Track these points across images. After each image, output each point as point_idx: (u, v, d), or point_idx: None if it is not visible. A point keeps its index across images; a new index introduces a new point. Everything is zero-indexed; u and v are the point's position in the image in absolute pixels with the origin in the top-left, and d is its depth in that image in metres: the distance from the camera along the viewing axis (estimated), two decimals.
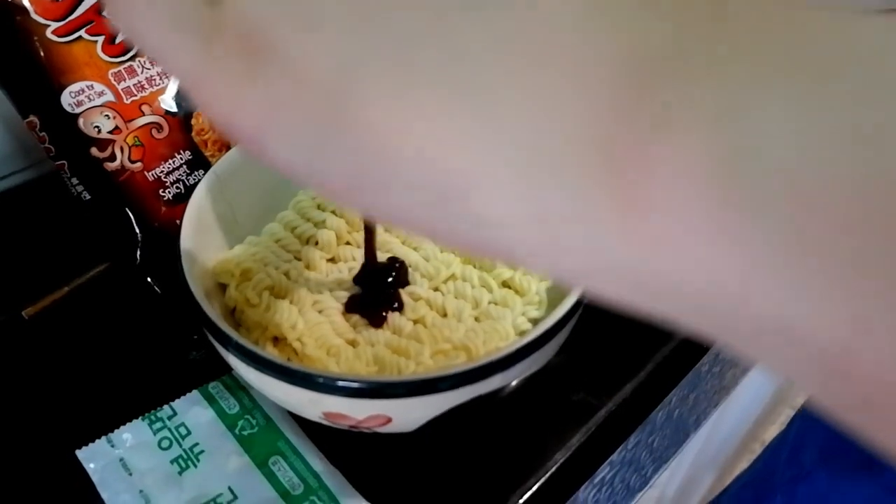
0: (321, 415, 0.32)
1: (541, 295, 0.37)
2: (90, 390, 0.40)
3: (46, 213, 0.48)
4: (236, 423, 0.38)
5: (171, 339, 0.42)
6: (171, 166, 0.40)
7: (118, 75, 0.39)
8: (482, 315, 0.36)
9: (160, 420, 0.38)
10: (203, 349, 0.41)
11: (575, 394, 0.39)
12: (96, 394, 0.40)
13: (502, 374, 0.30)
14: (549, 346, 0.32)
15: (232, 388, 0.39)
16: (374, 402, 0.30)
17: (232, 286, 0.37)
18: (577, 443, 0.37)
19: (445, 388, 0.30)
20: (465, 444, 0.37)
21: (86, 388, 0.40)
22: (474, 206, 0.13)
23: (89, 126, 0.39)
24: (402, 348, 0.34)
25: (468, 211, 0.14)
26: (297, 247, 0.40)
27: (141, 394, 0.38)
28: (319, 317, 0.36)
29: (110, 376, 0.41)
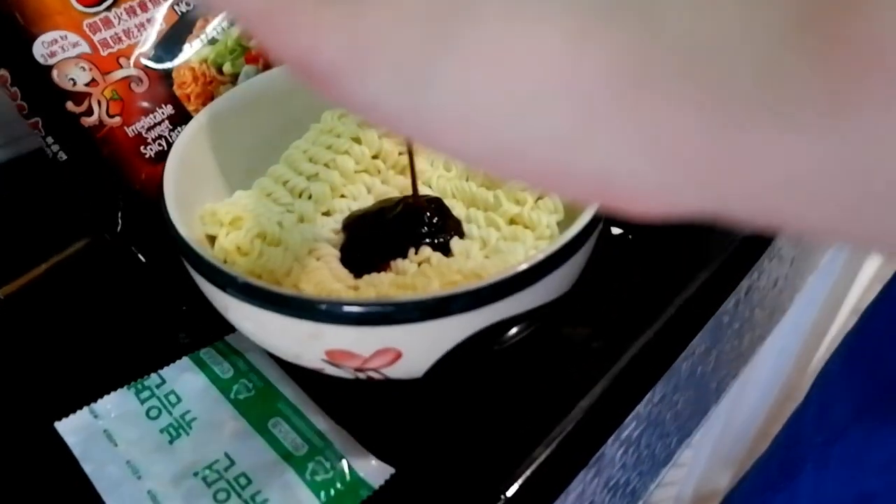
0: (323, 356, 0.29)
1: (552, 228, 0.34)
2: (72, 365, 0.37)
3: (24, 191, 0.46)
4: (231, 387, 0.35)
5: (158, 311, 0.39)
6: (152, 121, 0.38)
7: (93, 26, 0.37)
8: (491, 252, 0.34)
9: (147, 389, 0.35)
10: (192, 326, 0.38)
11: (595, 340, 0.36)
12: (79, 368, 0.37)
13: (520, 294, 0.28)
14: (568, 266, 0.29)
15: (225, 353, 0.36)
16: (381, 331, 0.27)
17: (222, 234, 0.34)
18: (601, 391, 0.35)
19: (459, 310, 0.27)
20: (479, 394, 0.34)
21: (68, 363, 0.37)
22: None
23: (64, 78, 0.36)
24: (409, 284, 0.31)
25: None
26: (288, 199, 0.37)
27: (127, 366, 0.36)
28: (317, 263, 0.34)
29: (94, 351, 0.38)
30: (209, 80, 0.39)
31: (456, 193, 0.38)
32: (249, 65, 0.41)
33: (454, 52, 0.12)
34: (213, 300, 0.31)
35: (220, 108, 0.37)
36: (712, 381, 0.49)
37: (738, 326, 0.48)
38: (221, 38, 0.40)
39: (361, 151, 0.39)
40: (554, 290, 0.30)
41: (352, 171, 0.39)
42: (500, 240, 0.34)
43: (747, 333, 0.51)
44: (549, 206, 0.35)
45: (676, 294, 0.38)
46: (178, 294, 0.39)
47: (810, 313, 0.91)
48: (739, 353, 0.53)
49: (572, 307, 0.37)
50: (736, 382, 0.58)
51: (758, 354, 0.58)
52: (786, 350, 0.91)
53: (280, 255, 0.33)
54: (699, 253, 0.42)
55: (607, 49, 0.11)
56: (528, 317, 0.30)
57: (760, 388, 0.90)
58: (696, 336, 0.39)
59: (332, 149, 0.39)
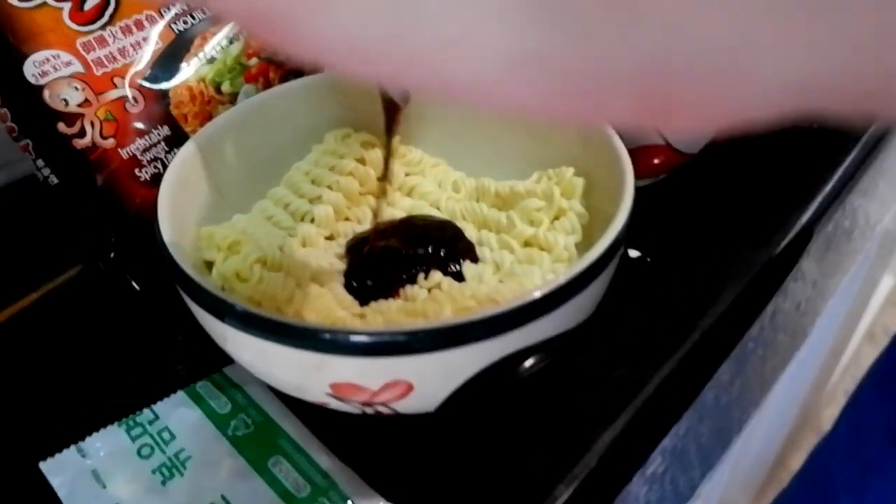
0: (328, 390, 0.27)
1: (570, 250, 0.32)
2: (60, 400, 0.35)
3: (16, 218, 0.44)
4: (228, 422, 0.33)
5: (153, 342, 0.37)
6: (147, 143, 0.36)
7: (87, 45, 0.35)
8: (506, 276, 0.32)
9: (139, 425, 0.33)
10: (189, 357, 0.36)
11: (616, 369, 0.34)
12: (67, 403, 0.35)
13: (540, 321, 0.26)
14: (591, 290, 0.27)
15: (223, 386, 0.34)
16: (391, 362, 0.25)
17: (219, 259, 0.32)
18: (624, 424, 0.32)
19: (476, 338, 0.25)
20: (495, 430, 0.32)
21: (55, 398, 0.35)
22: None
23: (56, 98, 0.35)
24: (419, 311, 0.29)
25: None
26: (290, 223, 0.36)
27: (119, 401, 0.33)
28: (320, 289, 0.32)
29: (84, 385, 0.36)
30: (207, 100, 0.38)
31: (466, 215, 0.36)
32: (249, 84, 0.39)
33: None
34: (210, 330, 0.29)
35: (218, 128, 0.36)
36: (736, 411, 0.47)
37: (762, 353, 0.45)
38: (220, 57, 0.38)
39: (366, 173, 0.38)
40: (576, 315, 0.28)
41: (356, 193, 0.37)
42: (514, 263, 0.32)
43: (770, 360, 0.49)
44: (566, 226, 0.33)
45: (700, 318, 0.36)
46: (173, 324, 0.37)
47: (828, 338, 0.89)
48: (762, 381, 0.50)
49: (590, 334, 0.35)
50: (756, 413, 0.55)
51: (768, 400, 0.56)
52: (801, 376, 0.89)
53: (281, 280, 0.31)
54: (721, 275, 0.40)
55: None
56: (546, 346, 0.28)
57: (777, 415, 0.87)
58: (722, 363, 0.37)
59: (335, 170, 0.37)
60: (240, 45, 0.39)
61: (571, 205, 0.34)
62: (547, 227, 0.33)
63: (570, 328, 0.29)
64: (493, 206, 0.36)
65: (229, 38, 0.38)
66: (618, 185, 0.31)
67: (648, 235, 0.41)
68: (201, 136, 0.35)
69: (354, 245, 0.34)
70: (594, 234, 0.33)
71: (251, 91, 0.39)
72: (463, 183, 0.38)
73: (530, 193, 0.35)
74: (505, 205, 0.36)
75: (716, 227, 0.43)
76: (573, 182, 0.34)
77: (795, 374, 0.78)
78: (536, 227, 0.33)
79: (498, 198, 0.37)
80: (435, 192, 0.38)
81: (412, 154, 0.39)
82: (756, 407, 0.54)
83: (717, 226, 0.43)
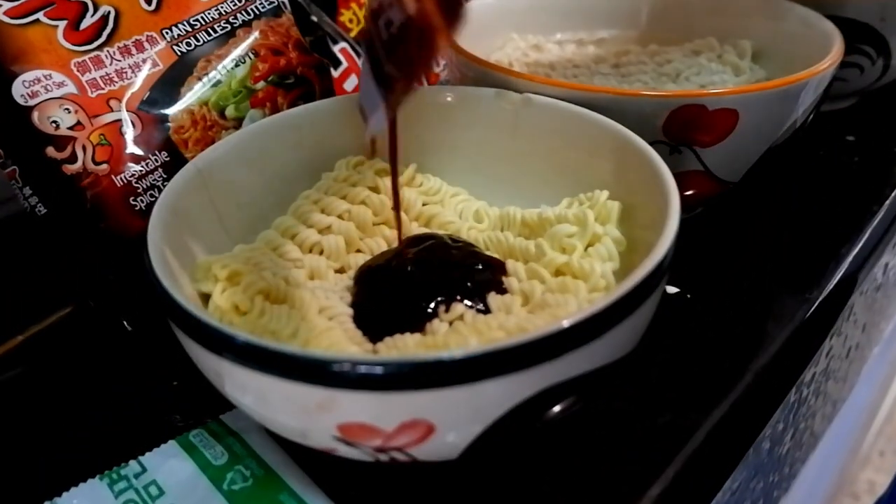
0: (335, 432, 0.23)
1: (608, 279, 0.29)
2: (40, 449, 0.31)
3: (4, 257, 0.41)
4: (224, 475, 0.29)
5: (145, 387, 0.34)
6: (143, 169, 0.33)
7: (82, 66, 0.33)
8: (536, 308, 0.28)
9: (124, 479, 0.29)
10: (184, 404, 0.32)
11: (660, 415, 0.30)
12: (48, 455, 0.31)
13: (578, 351, 0.22)
14: (636, 317, 0.24)
15: (219, 434, 0.31)
16: (409, 398, 0.22)
17: (216, 292, 0.29)
18: (672, 477, 0.28)
19: (506, 369, 0.21)
20: (525, 483, 0.28)
21: (35, 449, 0.32)
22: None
23: (45, 121, 0.32)
24: (440, 344, 0.26)
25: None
26: (297, 255, 0.33)
27: (105, 451, 0.30)
28: (329, 322, 0.28)
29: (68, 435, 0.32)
30: (210, 125, 0.35)
31: (490, 245, 0.33)
32: (255, 109, 0.36)
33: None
34: (205, 369, 0.26)
35: (220, 153, 0.33)
36: (786, 466, 0.43)
37: (813, 401, 0.41)
38: (224, 80, 0.36)
39: (380, 202, 0.35)
40: (615, 348, 0.25)
41: (370, 224, 0.34)
42: (546, 293, 0.29)
43: (820, 409, 0.45)
44: (602, 253, 0.30)
45: (751, 360, 0.33)
46: (168, 367, 0.33)
47: (869, 391, 0.84)
48: (812, 433, 0.46)
49: (628, 376, 0.32)
50: (803, 469, 0.51)
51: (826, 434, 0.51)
52: (842, 432, 0.84)
53: (285, 313, 0.28)
54: (767, 313, 0.36)
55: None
56: (581, 384, 0.25)
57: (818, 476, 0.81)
58: (777, 408, 0.33)
59: (347, 199, 0.35)
60: (246, 68, 0.36)
61: (607, 230, 0.30)
62: (581, 255, 0.30)
63: (608, 363, 0.25)
64: (520, 236, 0.33)
65: (235, 60, 0.36)
66: (659, 207, 0.28)
67: (687, 271, 0.37)
68: (201, 161, 0.32)
69: (363, 275, 0.31)
70: (634, 264, 0.30)
71: (257, 116, 0.36)
72: (486, 212, 0.36)
73: (561, 219, 0.32)
74: (532, 233, 0.33)
75: (757, 262, 0.40)
76: (608, 206, 0.31)
77: (837, 431, 0.73)
78: (569, 253, 0.30)
79: (525, 226, 0.34)
80: (456, 223, 0.35)
81: (430, 183, 0.36)
82: (803, 464, 0.50)
83: (759, 261, 0.40)
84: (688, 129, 0.35)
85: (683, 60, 0.46)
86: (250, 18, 0.37)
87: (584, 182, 0.34)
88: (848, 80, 0.51)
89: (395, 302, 0.29)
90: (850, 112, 0.54)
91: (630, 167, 0.31)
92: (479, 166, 0.37)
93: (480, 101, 0.36)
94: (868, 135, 0.52)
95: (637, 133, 0.32)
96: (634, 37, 0.51)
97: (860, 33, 0.48)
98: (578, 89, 0.35)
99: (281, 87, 0.37)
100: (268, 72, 0.37)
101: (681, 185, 0.29)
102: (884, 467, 1.22)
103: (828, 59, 0.37)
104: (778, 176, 0.45)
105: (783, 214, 0.44)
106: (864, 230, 0.41)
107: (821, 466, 0.78)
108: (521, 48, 0.50)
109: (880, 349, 0.60)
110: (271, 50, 0.37)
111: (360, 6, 0.50)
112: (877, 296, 0.48)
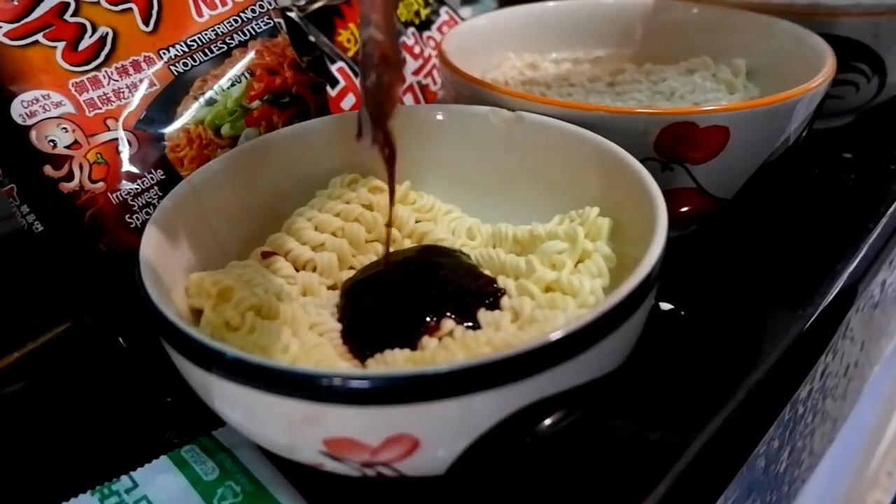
0: (321, 447, 0.23)
1: (597, 295, 0.29)
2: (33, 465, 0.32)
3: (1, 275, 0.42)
4: (214, 491, 0.29)
5: (139, 403, 0.34)
6: (139, 187, 0.34)
7: (80, 86, 0.34)
8: (525, 324, 0.28)
9: (115, 494, 0.29)
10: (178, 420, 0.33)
11: (651, 432, 0.30)
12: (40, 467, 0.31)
13: (565, 365, 0.22)
14: (622, 332, 0.24)
15: (211, 450, 0.31)
16: (393, 412, 0.22)
17: (208, 308, 0.29)
18: (662, 495, 0.28)
19: (492, 382, 0.21)
20: (513, 499, 0.28)
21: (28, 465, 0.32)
22: None
23: (43, 140, 0.33)
24: (428, 359, 0.26)
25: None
26: (290, 272, 0.33)
27: (97, 467, 0.30)
28: (319, 339, 0.28)
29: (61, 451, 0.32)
30: (205, 144, 0.36)
31: (482, 262, 0.33)
32: (251, 128, 0.37)
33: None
34: (195, 385, 0.26)
35: (215, 170, 0.33)
36: (784, 485, 0.42)
37: (811, 419, 0.41)
38: (220, 99, 0.36)
39: (373, 219, 0.35)
40: (603, 363, 0.25)
41: (363, 241, 0.35)
42: (535, 309, 0.29)
43: (819, 427, 0.45)
44: (592, 269, 0.30)
45: (745, 376, 0.32)
46: (162, 384, 0.34)
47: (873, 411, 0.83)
48: (811, 451, 0.46)
49: (620, 392, 0.32)
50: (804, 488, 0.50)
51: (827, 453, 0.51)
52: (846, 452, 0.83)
53: (276, 329, 0.28)
54: (762, 330, 0.36)
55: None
56: (570, 399, 0.25)
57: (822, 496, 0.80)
58: (771, 425, 0.33)
59: (340, 216, 0.35)
60: (241, 87, 0.37)
61: (597, 246, 0.31)
62: (570, 271, 0.30)
63: (597, 378, 0.25)
64: (512, 253, 0.33)
65: (231, 80, 0.37)
66: (649, 224, 0.28)
67: (681, 288, 0.37)
68: (195, 178, 0.32)
69: (351, 288, 0.31)
70: (624, 280, 0.30)
71: (252, 135, 0.37)
72: (478, 230, 0.36)
73: (551, 236, 0.32)
74: (524, 250, 0.33)
75: (752, 279, 0.40)
76: (598, 222, 0.31)
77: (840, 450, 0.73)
78: (559, 270, 0.30)
79: (517, 243, 0.34)
80: (448, 240, 0.35)
81: (423, 200, 0.36)
82: (803, 483, 0.49)
83: (754, 278, 0.40)
84: (679, 147, 0.35)
85: (678, 79, 0.46)
86: (246, 39, 0.38)
87: (575, 198, 0.34)
88: (844, 97, 0.51)
89: (386, 318, 0.29)
90: (847, 130, 0.54)
91: (620, 184, 0.32)
92: (473, 183, 0.37)
93: (474, 119, 0.37)
94: (865, 152, 0.52)
95: (629, 150, 0.32)
96: (630, 55, 0.52)
97: (854, 51, 0.48)
98: (571, 107, 0.35)
99: (276, 106, 0.38)
100: (263, 91, 0.37)
101: (674, 202, 0.29)
102: (892, 488, 1.20)
103: (819, 76, 0.37)
104: (774, 193, 0.45)
105: (778, 231, 0.44)
106: (859, 247, 0.41)
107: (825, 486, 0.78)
108: (517, 67, 0.50)
109: (882, 367, 0.59)
110: (267, 69, 0.38)
111: (358, 27, 0.50)
112: (875, 313, 0.48)
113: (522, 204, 0.36)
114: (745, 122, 0.35)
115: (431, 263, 0.31)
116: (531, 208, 0.36)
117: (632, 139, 0.34)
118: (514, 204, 0.36)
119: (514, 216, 0.36)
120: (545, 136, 0.35)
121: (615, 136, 0.33)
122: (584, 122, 0.34)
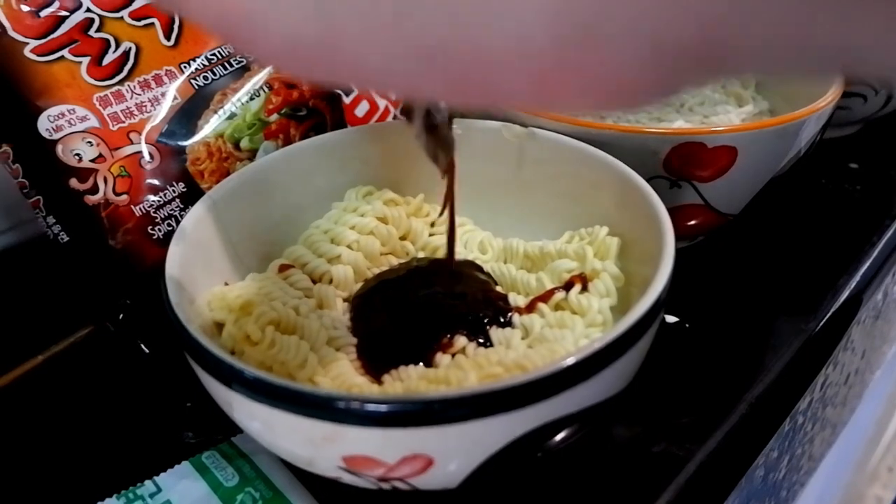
0: (340, 463, 0.25)
1: (605, 314, 0.30)
2: (58, 468, 0.33)
3: (26, 278, 0.43)
4: (234, 497, 0.30)
5: (161, 408, 0.35)
6: (161, 200, 0.35)
7: (104, 100, 0.34)
8: (535, 342, 0.29)
9: (140, 498, 0.30)
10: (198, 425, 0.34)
11: (654, 444, 0.31)
12: (66, 471, 0.33)
13: (573, 391, 0.23)
14: (629, 357, 0.25)
15: (231, 456, 0.32)
16: (409, 434, 0.23)
17: (229, 322, 0.30)
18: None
19: (502, 409, 0.23)
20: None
21: (54, 465, 0.33)
22: None
23: (69, 154, 0.34)
24: (441, 377, 0.27)
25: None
26: (307, 284, 0.34)
27: (121, 471, 0.31)
28: (337, 353, 0.29)
29: (85, 454, 0.34)
30: (225, 157, 0.37)
31: (495, 276, 0.34)
32: (269, 140, 0.38)
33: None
34: (216, 396, 0.27)
35: (234, 184, 0.34)
36: (783, 490, 0.43)
37: (810, 428, 0.42)
38: (239, 113, 0.37)
39: (388, 232, 0.36)
40: (612, 385, 0.26)
41: (377, 254, 0.36)
42: (545, 327, 0.30)
43: (818, 435, 0.46)
44: (601, 289, 0.31)
45: (747, 389, 0.33)
46: (183, 390, 0.35)
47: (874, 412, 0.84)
48: (810, 458, 0.47)
49: (626, 405, 0.33)
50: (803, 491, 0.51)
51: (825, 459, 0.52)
52: (846, 453, 0.84)
53: (295, 344, 0.29)
54: (765, 343, 0.37)
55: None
56: (579, 418, 0.26)
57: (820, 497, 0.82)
58: (772, 438, 0.34)
59: (355, 229, 0.36)
60: (260, 101, 0.38)
61: (606, 266, 0.31)
62: (579, 290, 0.31)
63: (606, 398, 0.26)
64: (522, 268, 0.34)
65: (250, 94, 0.38)
66: (656, 244, 0.29)
67: (686, 300, 0.38)
68: (217, 192, 0.33)
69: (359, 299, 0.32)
70: (631, 298, 0.31)
71: (271, 148, 0.38)
72: (490, 243, 0.37)
73: (561, 254, 0.33)
74: (534, 266, 0.34)
75: (757, 292, 0.40)
76: (607, 242, 0.32)
77: (841, 450, 0.74)
78: (568, 289, 0.31)
79: (527, 259, 0.35)
80: (461, 253, 0.36)
81: (436, 213, 0.37)
82: (802, 486, 0.50)
83: (758, 291, 0.41)
84: (688, 165, 0.36)
85: (688, 91, 0.47)
86: None
87: (584, 215, 0.35)
88: (851, 108, 0.52)
89: (400, 333, 0.30)
90: (854, 139, 0.55)
91: (628, 203, 0.32)
92: (485, 197, 0.38)
93: (486, 134, 0.38)
94: (871, 162, 0.52)
95: (638, 168, 0.33)
96: None
97: None
98: (582, 125, 0.36)
99: (293, 119, 0.39)
100: (281, 104, 0.38)
101: (681, 217, 0.30)
102: (892, 483, 1.21)
103: (827, 95, 0.38)
104: (779, 205, 0.46)
105: (783, 244, 0.44)
106: (862, 261, 0.42)
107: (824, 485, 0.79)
108: None
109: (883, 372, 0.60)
110: (284, 83, 0.39)
111: None
112: (876, 322, 0.49)
113: (533, 217, 0.37)
114: (753, 141, 0.36)
115: (447, 277, 0.32)
116: (542, 222, 0.37)
117: (641, 157, 0.35)
118: (526, 217, 0.37)
119: (524, 230, 0.37)
120: (556, 152, 0.36)
121: (625, 154, 0.34)
122: (594, 140, 0.35)
